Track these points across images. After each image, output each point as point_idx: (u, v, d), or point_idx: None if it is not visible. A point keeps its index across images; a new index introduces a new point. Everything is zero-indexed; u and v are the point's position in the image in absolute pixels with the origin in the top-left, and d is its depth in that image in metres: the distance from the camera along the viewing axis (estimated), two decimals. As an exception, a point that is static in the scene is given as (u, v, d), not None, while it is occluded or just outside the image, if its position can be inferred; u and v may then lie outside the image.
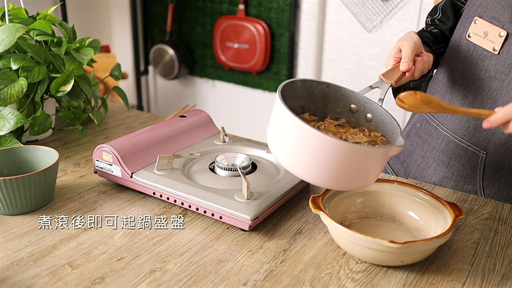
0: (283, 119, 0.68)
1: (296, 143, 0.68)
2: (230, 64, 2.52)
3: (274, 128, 0.72)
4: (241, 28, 2.42)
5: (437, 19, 1.04)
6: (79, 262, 0.69)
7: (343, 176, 0.68)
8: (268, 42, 2.39)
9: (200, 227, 0.78)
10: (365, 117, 0.81)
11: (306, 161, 0.67)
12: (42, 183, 0.79)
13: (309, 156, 0.67)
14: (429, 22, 1.06)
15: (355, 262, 0.71)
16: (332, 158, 0.66)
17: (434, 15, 1.05)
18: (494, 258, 0.73)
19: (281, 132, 0.70)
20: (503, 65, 0.86)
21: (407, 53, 0.84)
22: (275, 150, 0.72)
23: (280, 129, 0.70)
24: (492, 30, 0.86)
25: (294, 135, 0.67)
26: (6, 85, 0.92)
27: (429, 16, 1.06)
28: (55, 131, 1.15)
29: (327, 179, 0.69)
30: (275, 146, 0.72)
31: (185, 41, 2.71)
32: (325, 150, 0.65)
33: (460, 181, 0.97)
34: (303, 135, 0.66)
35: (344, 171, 0.67)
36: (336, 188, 0.72)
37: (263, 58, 2.40)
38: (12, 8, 1.05)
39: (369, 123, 0.81)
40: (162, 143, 0.94)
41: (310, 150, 0.66)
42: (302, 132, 0.66)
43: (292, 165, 0.69)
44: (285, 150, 0.70)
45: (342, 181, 0.69)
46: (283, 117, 0.68)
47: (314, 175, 0.68)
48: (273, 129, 0.72)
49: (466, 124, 0.93)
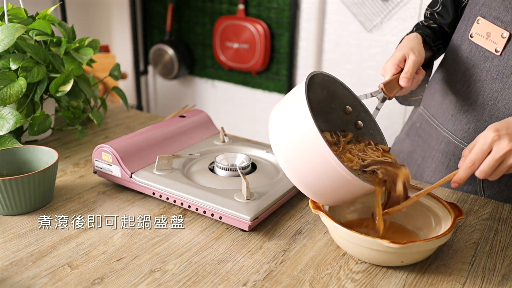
0: (307, 134, 0.64)
1: (310, 160, 0.65)
2: (229, 64, 2.51)
3: (287, 128, 0.67)
4: (241, 28, 2.41)
5: (437, 12, 1.02)
6: (79, 262, 0.68)
7: (334, 197, 0.70)
8: (268, 42, 2.39)
9: (200, 227, 0.78)
10: (356, 122, 0.81)
11: (310, 179, 0.67)
12: (42, 183, 0.79)
13: (318, 178, 0.66)
14: (428, 15, 1.04)
15: (355, 262, 0.71)
16: (340, 188, 0.67)
17: (434, 8, 1.03)
18: (494, 258, 0.73)
19: (297, 141, 0.66)
20: (505, 67, 0.86)
21: (410, 70, 0.82)
22: (279, 148, 0.69)
23: (296, 138, 0.66)
24: (495, 30, 0.86)
25: (313, 156, 0.64)
26: (5, 85, 0.92)
27: (429, 9, 1.04)
28: (54, 131, 1.15)
29: (319, 196, 0.70)
30: (279, 145, 0.69)
31: (185, 41, 2.70)
32: (340, 183, 0.65)
33: (460, 182, 0.97)
34: (326, 165, 0.64)
35: (340, 196, 0.69)
36: (320, 201, 0.72)
37: (262, 58, 2.40)
38: (11, 8, 1.05)
39: (356, 129, 0.81)
40: (162, 143, 0.94)
41: (322, 175, 0.65)
42: (327, 162, 0.63)
43: (292, 171, 0.69)
44: (293, 158, 0.67)
45: (329, 200, 0.71)
46: (307, 132, 0.64)
47: (311, 191, 0.69)
48: (285, 128, 0.68)
49: (466, 125, 0.93)
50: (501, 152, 0.67)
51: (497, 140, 0.67)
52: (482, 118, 0.90)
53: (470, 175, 0.69)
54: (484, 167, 0.68)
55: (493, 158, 0.67)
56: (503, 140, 0.67)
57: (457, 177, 0.70)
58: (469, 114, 0.92)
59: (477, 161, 0.68)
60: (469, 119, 0.92)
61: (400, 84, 0.82)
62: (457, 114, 0.94)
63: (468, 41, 0.91)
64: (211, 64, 2.66)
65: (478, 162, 0.68)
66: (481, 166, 0.68)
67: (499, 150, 0.67)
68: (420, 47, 0.88)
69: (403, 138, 1.12)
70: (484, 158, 0.68)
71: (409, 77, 0.82)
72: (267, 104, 2.55)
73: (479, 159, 0.68)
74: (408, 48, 0.85)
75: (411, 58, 0.83)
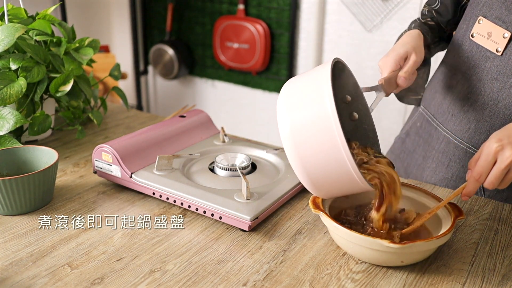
0: (326, 120, 0.62)
1: (320, 147, 0.63)
2: (229, 64, 2.52)
3: (302, 108, 0.65)
4: (241, 28, 2.42)
5: (435, 10, 1.01)
6: (79, 262, 0.68)
7: (330, 190, 0.70)
8: (268, 42, 2.39)
9: (200, 227, 0.78)
10: (351, 113, 0.80)
11: (313, 165, 0.65)
12: (42, 183, 0.79)
13: (324, 167, 0.65)
14: (425, 12, 1.03)
15: (355, 262, 0.71)
16: (341, 184, 0.66)
17: (432, 5, 1.02)
18: (494, 258, 0.73)
19: (312, 124, 0.63)
20: (506, 67, 0.86)
21: (410, 69, 0.83)
22: (287, 124, 0.65)
23: (312, 120, 0.64)
24: (496, 30, 0.86)
25: (326, 145, 0.63)
26: (5, 85, 0.92)
27: (427, 6, 1.03)
28: (54, 131, 1.15)
29: (314, 184, 0.69)
30: (289, 120, 0.65)
31: (185, 41, 2.70)
32: (348, 181, 0.65)
33: (460, 182, 0.97)
34: (337, 157, 0.62)
35: (337, 191, 0.70)
36: (313, 189, 0.71)
37: (262, 58, 2.40)
38: (11, 8, 1.05)
39: (350, 120, 0.80)
40: (162, 143, 0.94)
41: (328, 165, 0.64)
42: (339, 155, 0.62)
43: (296, 153, 0.66)
44: (302, 140, 0.65)
45: (324, 192, 0.71)
46: (327, 119, 0.62)
47: (309, 177, 0.68)
48: (300, 107, 0.65)
49: (467, 125, 0.93)
50: (505, 162, 0.68)
51: (500, 151, 0.68)
52: (483, 118, 0.90)
53: (478, 187, 0.70)
54: (491, 178, 0.69)
55: (498, 169, 0.68)
56: (507, 149, 0.68)
57: (466, 191, 0.71)
58: (469, 114, 0.92)
59: (483, 173, 0.69)
60: (469, 119, 0.92)
61: (398, 83, 0.82)
62: (458, 114, 0.94)
63: (469, 41, 0.91)
64: (211, 64, 2.66)
65: (485, 174, 0.69)
66: (488, 178, 0.69)
67: (503, 160, 0.68)
68: (422, 48, 0.88)
69: (403, 138, 1.12)
70: (490, 169, 0.69)
71: (408, 77, 0.82)
72: (267, 104, 2.55)
73: (485, 171, 0.69)
74: (411, 47, 0.85)
75: (413, 59, 0.83)
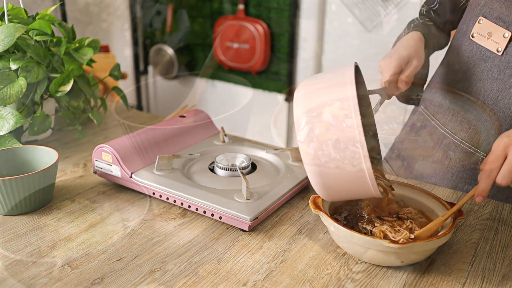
0: (359, 169, 0.63)
1: (345, 181, 0.65)
2: (230, 64, 2.52)
3: (327, 132, 0.65)
4: (241, 28, 2.41)
5: (433, 10, 1.02)
6: (79, 262, 0.68)
7: (339, 195, 0.70)
8: (268, 42, 2.39)
9: (200, 227, 0.78)
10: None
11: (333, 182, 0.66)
12: (42, 183, 0.79)
13: (344, 192, 0.67)
14: (423, 12, 1.03)
15: (355, 262, 0.71)
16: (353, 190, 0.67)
17: (431, 5, 1.02)
18: (494, 258, 0.73)
19: (342, 165, 0.64)
20: (506, 67, 0.86)
21: (410, 74, 0.84)
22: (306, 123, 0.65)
23: (342, 163, 0.64)
24: (497, 30, 0.86)
25: (353, 181, 0.64)
26: (5, 85, 0.92)
27: (425, 6, 1.03)
28: (54, 131, 1.15)
29: (331, 198, 0.71)
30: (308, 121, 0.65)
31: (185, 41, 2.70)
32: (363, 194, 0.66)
33: (461, 182, 0.97)
34: (355, 162, 0.63)
35: (346, 195, 0.70)
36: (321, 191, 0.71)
37: (262, 58, 2.40)
38: (11, 8, 1.05)
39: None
40: (162, 143, 0.94)
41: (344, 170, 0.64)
42: (357, 160, 0.63)
43: (319, 175, 0.66)
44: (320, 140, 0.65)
45: (333, 196, 0.71)
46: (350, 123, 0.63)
47: (331, 193, 0.69)
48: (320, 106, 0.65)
49: (467, 125, 0.93)
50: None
51: (510, 145, 0.67)
52: (483, 118, 0.90)
53: (491, 184, 0.68)
54: (502, 173, 0.67)
55: (510, 163, 0.66)
56: None
57: (479, 190, 0.69)
58: (469, 114, 0.92)
59: (494, 169, 0.67)
60: (469, 118, 0.92)
61: (399, 86, 0.82)
62: (458, 113, 0.94)
63: (469, 41, 0.91)
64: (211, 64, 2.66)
65: (496, 169, 0.67)
66: (499, 173, 0.67)
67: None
68: (423, 52, 0.89)
69: (403, 138, 1.12)
70: (501, 164, 0.67)
71: (408, 81, 0.83)
72: (267, 104, 2.55)
73: (496, 166, 0.67)
74: (414, 51, 0.86)
75: (414, 63, 0.84)
